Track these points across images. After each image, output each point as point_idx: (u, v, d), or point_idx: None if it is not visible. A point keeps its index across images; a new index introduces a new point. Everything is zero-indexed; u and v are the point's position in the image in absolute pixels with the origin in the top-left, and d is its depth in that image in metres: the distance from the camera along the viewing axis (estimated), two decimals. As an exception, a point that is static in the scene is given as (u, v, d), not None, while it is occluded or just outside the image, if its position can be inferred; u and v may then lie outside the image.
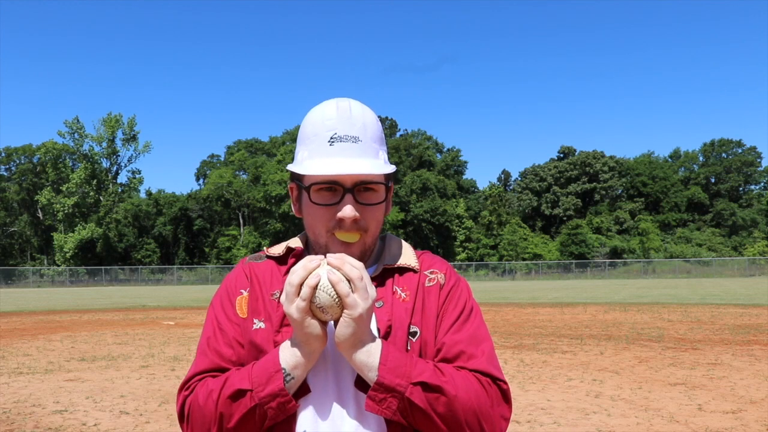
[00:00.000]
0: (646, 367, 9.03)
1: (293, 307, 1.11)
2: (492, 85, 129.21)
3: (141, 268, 66.55)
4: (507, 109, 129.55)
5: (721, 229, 74.83)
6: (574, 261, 66.30)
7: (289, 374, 1.14)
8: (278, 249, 1.36)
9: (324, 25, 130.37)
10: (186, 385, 1.25)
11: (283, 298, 1.14)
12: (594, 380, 8.09)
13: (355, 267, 1.11)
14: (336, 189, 1.22)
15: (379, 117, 1.37)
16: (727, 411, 6.34)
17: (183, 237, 74.33)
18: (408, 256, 1.34)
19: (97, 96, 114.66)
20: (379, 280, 1.28)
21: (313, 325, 1.12)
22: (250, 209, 73.16)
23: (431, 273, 1.34)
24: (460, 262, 70.25)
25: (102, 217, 70.50)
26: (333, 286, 1.09)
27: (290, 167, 1.29)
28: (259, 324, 1.26)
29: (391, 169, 1.25)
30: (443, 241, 72.88)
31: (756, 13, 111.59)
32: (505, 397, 1.26)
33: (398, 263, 1.31)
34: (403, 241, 1.40)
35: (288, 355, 1.15)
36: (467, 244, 73.61)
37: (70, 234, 69.41)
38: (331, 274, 1.10)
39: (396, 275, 1.31)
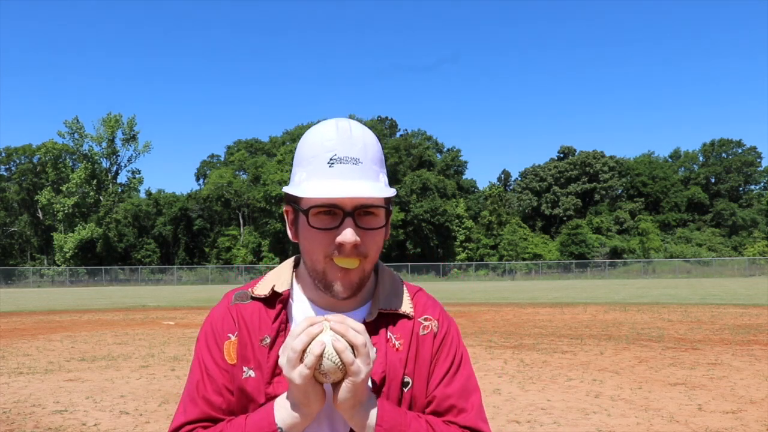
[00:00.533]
0: (646, 367, 9.03)
1: (296, 373, 1.07)
2: (492, 85, 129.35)
3: (141, 268, 66.56)
4: (507, 109, 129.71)
5: (721, 229, 74.84)
6: (574, 261, 66.32)
7: (283, 429, 1.12)
8: (264, 289, 1.27)
9: (324, 25, 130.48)
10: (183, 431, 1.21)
11: (283, 362, 1.09)
12: (594, 380, 8.09)
13: (358, 333, 1.08)
14: (335, 213, 1.16)
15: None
16: (727, 411, 6.34)
17: (183, 237, 74.35)
18: (403, 300, 1.29)
19: (97, 96, 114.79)
20: (373, 326, 1.24)
21: (316, 390, 1.09)
22: (250, 209, 73.18)
23: (425, 320, 1.29)
24: (460, 262, 70.28)
25: (102, 217, 70.52)
26: (338, 354, 1.06)
27: (286, 189, 1.22)
28: (249, 372, 1.21)
29: (392, 192, 1.20)
30: (443, 241, 72.89)
31: (756, 13, 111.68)
32: None
33: (394, 309, 1.27)
34: (396, 276, 1.35)
35: (285, 415, 1.12)
36: (467, 244, 73.61)
37: (70, 234, 69.43)
38: (335, 341, 1.07)
39: (390, 320, 1.27)
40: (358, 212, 1.16)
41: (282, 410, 1.13)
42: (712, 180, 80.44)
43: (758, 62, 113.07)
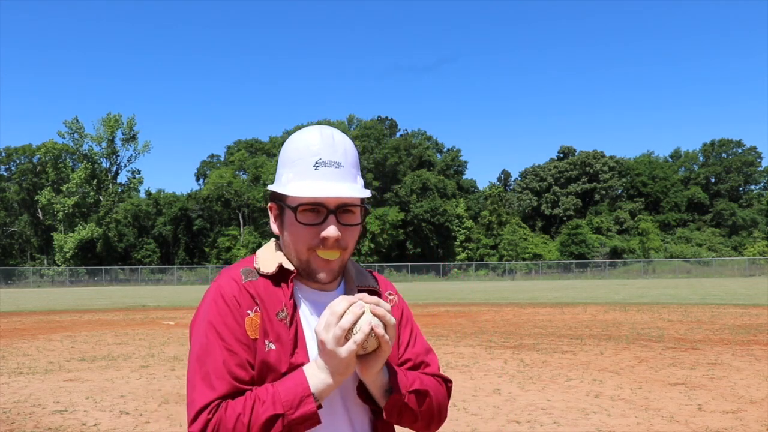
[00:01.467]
0: (646, 367, 9.03)
1: (343, 349, 1.21)
2: (492, 85, 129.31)
3: (141, 268, 66.55)
4: (507, 109, 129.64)
5: (721, 229, 74.82)
6: (574, 261, 66.30)
7: (317, 399, 1.24)
8: (270, 267, 1.37)
9: (324, 25, 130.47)
10: (206, 408, 1.23)
11: (328, 338, 1.21)
12: (594, 380, 8.09)
13: (390, 314, 1.25)
14: (320, 210, 1.32)
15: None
16: (727, 411, 6.34)
17: (183, 237, 74.34)
18: (369, 277, 1.50)
19: (96, 96, 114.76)
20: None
21: (354, 361, 1.24)
22: (250, 209, 73.18)
23: (389, 294, 1.52)
24: (460, 262, 70.27)
25: (102, 217, 70.51)
26: (375, 332, 1.23)
27: (273, 188, 1.38)
28: (270, 345, 1.30)
29: (368, 193, 1.36)
30: (443, 241, 72.88)
31: (756, 13, 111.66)
32: (450, 392, 1.51)
33: (367, 285, 1.46)
34: (355, 261, 1.53)
35: (317, 382, 1.24)
36: (467, 244, 73.60)
37: (70, 234, 69.42)
38: (374, 321, 1.24)
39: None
40: (339, 210, 1.32)
41: (314, 378, 1.24)
42: (712, 180, 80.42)
43: (758, 62, 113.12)
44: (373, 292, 1.45)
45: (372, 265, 64.08)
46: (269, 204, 1.43)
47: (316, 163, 1.32)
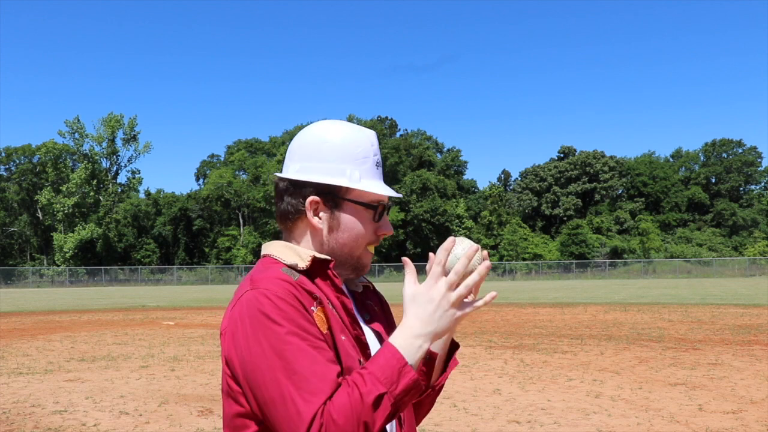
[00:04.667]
0: (647, 367, 9.02)
1: (454, 295, 1.23)
2: (492, 84, 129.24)
3: (141, 268, 66.52)
4: (507, 109, 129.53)
5: (722, 229, 74.79)
6: (574, 261, 66.27)
7: (413, 366, 1.18)
8: (303, 262, 1.30)
9: (324, 25, 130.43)
10: (317, 415, 1.12)
11: (452, 297, 1.22)
12: (594, 380, 8.09)
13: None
14: (378, 208, 1.36)
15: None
16: (727, 411, 6.33)
17: (183, 237, 74.32)
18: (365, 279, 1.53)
19: (96, 96, 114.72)
20: (363, 296, 1.45)
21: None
22: (250, 209, 73.16)
23: (375, 290, 1.54)
24: (460, 262, 70.16)
25: (102, 217, 70.49)
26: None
27: (340, 182, 1.32)
28: (341, 337, 1.26)
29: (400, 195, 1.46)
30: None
31: (756, 13, 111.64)
32: None
33: (366, 282, 1.48)
34: None
35: (411, 350, 1.19)
36: (467, 244, 73.53)
37: (70, 234, 69.39)
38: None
39: (368, 288, 1.49)
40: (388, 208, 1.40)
41: (406, 347, 1.19)
42: (713, 180, 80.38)
43: (759, 62, 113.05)
44: (366, 287, 1.48)
45: (372, 265, 63.87)
46: (310, 198, 1.33)
47: (377, 162, 1.38)
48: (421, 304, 1.22)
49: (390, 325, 1.47)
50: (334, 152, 1.33)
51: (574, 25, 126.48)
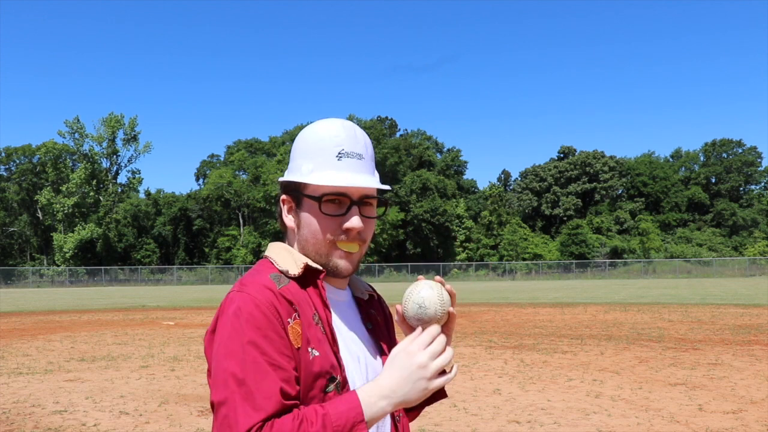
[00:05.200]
0: (647, 367, 9.02)
1: (437, 383, 1.22)
2: (492, 84, 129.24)
3: (141, 269, 66.52)
4: (507, 109, 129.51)
5: (722, 229, 74.78)
6: (574, 261, 66.26)
7: (368, 424, 1.16)
8: (296, 269, 1.28)
9: (324, 25, 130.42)
10: (255, 428, 1.12)
11: (430, 369, 1.20)
12: (594, 380, 8.09)
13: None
14: (342, 201, 1.27)
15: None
16: (727, 411, 6.33)
17: (183, 237, 74.30)
18: (362, 281, 1.46)
19: (96, 96, 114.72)
20: (368, 305, 1.41)
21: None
22: (250, 209, 73.13)
23: (380, 300, 1.50)
24: (460, 262, 70.24)
25: (102, 217, 70.47)
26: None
27: (291, 178, 1.31)
28: (314, 353, 1.22)
29: (388, 187, 1.35)
30: (443, 241, 72.86)
31: (756, 13, 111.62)
32: None
33: (367, 289, 1.44)
34: None
35: (374, 409, 1.17)
36: (467, 244, 73.60)
37: (70, 234, 69.37)
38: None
39: (373, 298, 1.45)
40: (361, 202, 1.29)
41: (370, 405, 1.17)
42: (713, 180, 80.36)
43: (759, 62, 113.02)
44: (372, 297, 1.44)
45: (372, 266, 64.13)
46: (282, 197, 1.35)
47: (340, 153, 1.28)
48: (400, 367, 1.20)
49: (391, 340, 1.43)
50: (297, 149, 1.34)
51: (574, 25, 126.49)
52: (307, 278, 1.29)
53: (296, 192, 1.31)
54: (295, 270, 1.27)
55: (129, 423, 6.21)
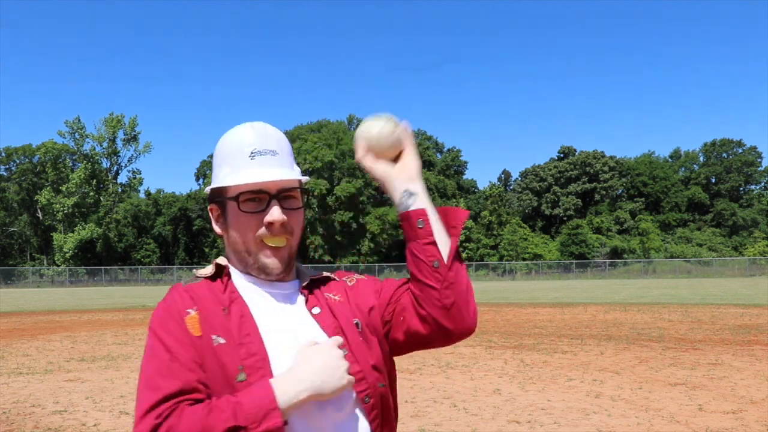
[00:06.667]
0: (647, 367, 9.03)
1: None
2: (492, 85, 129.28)
3: (141, 269, 66.53)
4: (507, 109, 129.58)
5: (722, 229, 74.79)
6: (574, 261, 66.27)
7: (285, 413, 1.15)
8: (207, 271, 1.37)
9: (324, 25, 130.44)
10: (153, 410, 1.16)
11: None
12: (594, 380, 8.09)
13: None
14: (261, 198, 1.30)
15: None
16: (727, 411, 6.33)
17: (183, 237, 74.33)
18: (323, 273, 1.47)
19: (97, 96, 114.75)
20: (308, 290, 1.38)
21: (344, 366, 1.22)
22: (250, 209, 73.18)
23: (348, 279, 1.46)
24: (460, 262, 70.11)
25: (102, 217, 70.48)
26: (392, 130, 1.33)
27: (214, 185, 1.36)
28: (218, 340, 1.24)
29: (306, 178, 1.38)
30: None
31: (756, 12, 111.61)
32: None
33: (322, 275, 1.44)
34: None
35: (287, 396, 1.16)
36: (467, 244, 73.57)
37: (70, 234, 69.38)
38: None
39: (321, 285, 1.42)
40: (281, 195, 1.31)
41: (283, 391, 1.16)
42: (713, 180, 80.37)
43: (759, 62, 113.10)
44: (328, 279, 1.44)
45: (372, 265, 64.11)
46: (209, 206, 1.40)
47: (252, 153, 1.32)
48: (316, 355, 1.21)
49: (359, 311, 1.38)
50: (214, 158, 1.39)
51: (574, 25, 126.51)
52: (220, 275, 1.36)
53: (219, 198, 1.36)
54: (206, 272, 1.36)
55: (129, 423, 6.21)
